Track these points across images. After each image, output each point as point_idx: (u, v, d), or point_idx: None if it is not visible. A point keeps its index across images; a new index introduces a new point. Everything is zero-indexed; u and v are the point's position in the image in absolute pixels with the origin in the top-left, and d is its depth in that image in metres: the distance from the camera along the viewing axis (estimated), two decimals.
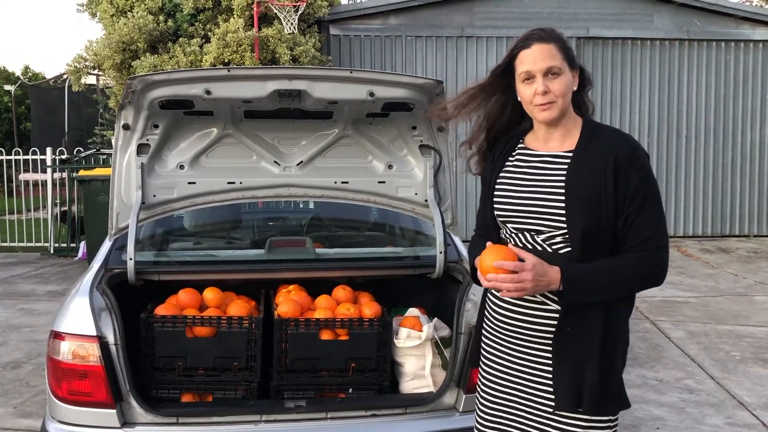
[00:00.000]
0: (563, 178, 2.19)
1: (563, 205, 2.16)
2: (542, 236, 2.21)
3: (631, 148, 2.17)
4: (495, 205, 2.32)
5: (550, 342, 2.20)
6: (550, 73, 2.18)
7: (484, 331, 2.42)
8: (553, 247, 2.19)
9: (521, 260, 2.09)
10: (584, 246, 2.14)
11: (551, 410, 2.21)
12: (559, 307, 2.16)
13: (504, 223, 2.31)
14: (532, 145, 2.31)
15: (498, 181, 2.33)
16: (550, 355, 2.21)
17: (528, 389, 2.27)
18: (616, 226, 2.16)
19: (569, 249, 2.16)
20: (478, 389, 2.44)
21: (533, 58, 2.18)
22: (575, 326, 2.16)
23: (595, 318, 2.15)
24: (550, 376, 2.21)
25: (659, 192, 2.21)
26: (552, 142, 2.27)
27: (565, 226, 2.16)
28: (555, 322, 2.18)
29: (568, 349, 2.17)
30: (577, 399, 2.16)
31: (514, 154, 2.34)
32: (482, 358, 2.42)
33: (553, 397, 2.20)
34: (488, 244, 2.19)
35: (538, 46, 2.19)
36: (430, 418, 3.13)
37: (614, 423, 2.24)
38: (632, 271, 2.15)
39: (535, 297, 2.20)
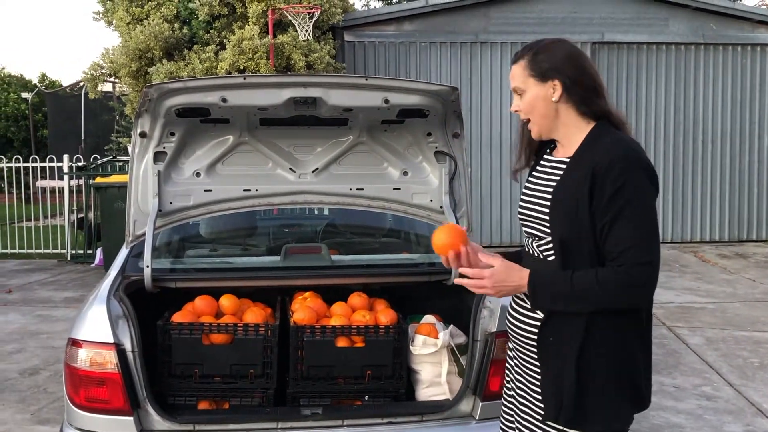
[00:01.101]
0: (554, 184, 2.20)
1: (548, 211, 2.18)
2: (537, 242, 2.24)
3: (610, 159, 2.08)
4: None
5: (536, 351, 2.22)
6: (516, 92, 2.26)
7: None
8: (545, 254, 2.21)
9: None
10: (563, 254, 2.14)
11: (541, 417, 2.21)
12: (542, 315, 2.17)
13: (521, 226, 2.36)
14: (555, 151, 2.32)
15: (525, 185, 2.37)
16: (538, 363, 2.22)
17: (524, 395, 2.29)
18: (596, 238, 2.11)
19: (554, 257, 2.17)
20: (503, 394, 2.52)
21: (510, 79, 2.28)
22: (557, 335, 2.15)
23: (575, 329, 2.12)
24: (538, 383, 2.22)
25: (646, 205, 2.08)
26: (560, 149, 2.29)
27: (550, 232, 2.18)
28: (537, 330, 2.20)
29: (550, 358, 2.17)
30: (558, 410, 2.15)
31: (541, 160, 2.36)
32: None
33: (542, 405, 2.20)
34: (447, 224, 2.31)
35: (512, 67, 2.27)
36: (447, 425, 3.12)
37: None
38: (602, 285, 2.05)
39: (526, 303, 2.23)
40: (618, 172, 2.06)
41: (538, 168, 2.33)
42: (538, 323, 2.19)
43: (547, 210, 2.18)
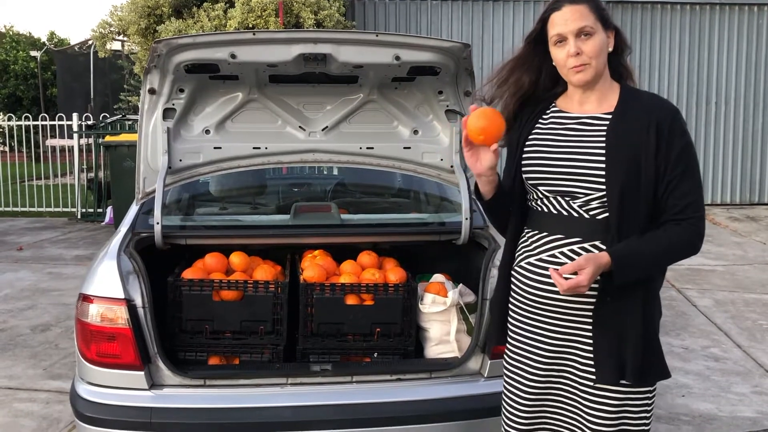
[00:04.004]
0: (603, 139, 2.15)
1: (603, 166, 2.12)
2: (578, 201, 2.16)
3: (673, 113, 2.15)
4: (525, 167, 2.27)
5: (591, 314, 2.17)
6: (582, 33, 2.13)
7: (512, 306, 2.36)
8: (591, 212, 2.15)
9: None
10: (622, 210, 2.10)
11: (591, 383, 2.19)
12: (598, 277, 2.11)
13: (535, 186, 2.26)
14: (566, 108, 2.27)
15: (528, 143, 2.29)
16: (590, 327, 2.17)
17: (566, 363, 2.24)
18: (656, 192, 2.12)
19: (606, 214, 2.12)
20: (510, 366, 2.37)
21: (564, 20, 2.14)
22: (616, 297, 2.13)
23: (635, 288, 2.13)
24: (591, 348, 2.18)
25: (698, 161, 2.19)
26: (588, 104, 2.23)
27: (604, 188, 2.11)
28: (595, 293, 2.14)
29: (609, 321, 2.15)
30: (620, 371, 2.14)
31: (546, 116, 2.30)
32: (513, 333, 2.35)
33: (593, 370, 2.18)
34: (473, 107, 2.21)
35: (569, 8, 2.15)
36: (455, 383, 3.14)
37: (653, 393, 2.23)
38: (676, 243, 2.13)
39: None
40: (683, 127, 2.14)
41: (552, 125, 2.26)
42: (593, 286, 2.11)
43: (601, 165, 2.12)
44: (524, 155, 2.29)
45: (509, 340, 2.37)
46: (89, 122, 11.75)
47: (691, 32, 12.33)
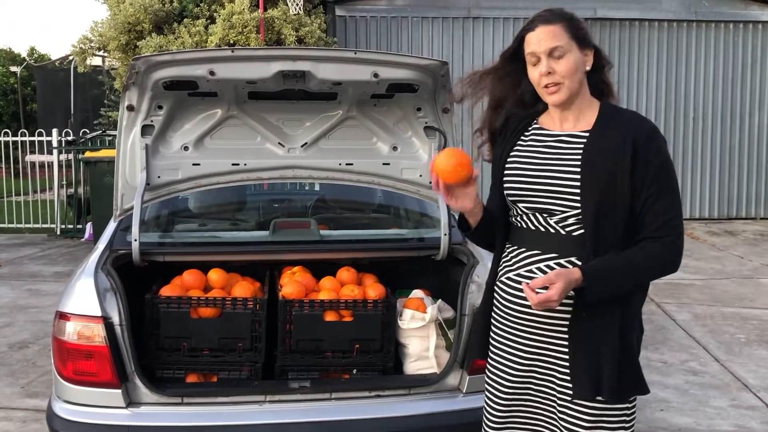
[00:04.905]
0: (579, 157, 2.17)
1: (578, 184, 2.13)
2: (555, 217, 2.18)
3: (650, 131, 2.16)
4: (506, 184, 2.29)
5: (566, 329, 2.18)
6: (554, 53, 2.15)
7: (494, 319, 2.37)
8: (567, 229, 2.17)
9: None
10: (597, 227, 2.11)
11: (569, 398, 2.19)
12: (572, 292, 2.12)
13: (514, 203, 2.28)
14: (546, 125, 2.30)
15: (509, 159, 2.31)
16: (566, 342, 2.18)
17: (544, 378, 2.25)
18: (632, 209, 2.13)
19: (582, 231, 2.14)
20: (488, 379, 2.40)
21: (537, 40, 2.17)
22: (591, 313, 2.13)
23: (611, 304, 2.13)
24: (567, 363, 2.19)
25: (676, 179, 2.19)
26: (567, 123, 2.25)
27: (579, 206, 2.13)
28: (570, 309, 2.15)
29: (584, 336, 2.15)
30: (596, 387, 2.15)
31: (527, 133, 2.33)
32: (492, 343, 2.37)
33: (570, 385, 2.18)
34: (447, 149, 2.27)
35: (541, 28, 2.18)
36: (434, 398, 3.14)
37: (631, 410, 2.23)
38: (653, 260, 2.13)
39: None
40: (659, 144, 2.15)
41: (532, 142, 2.28)
42: (568, 302, 2.13)
43: (576, 183, 2.14)
44: (505, 172, 2.31)
45: (489, 350, 2.40)
46: (69, 138, 11.68)
47: (669, 49, 12.47)
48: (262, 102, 3.46)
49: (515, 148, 2.32)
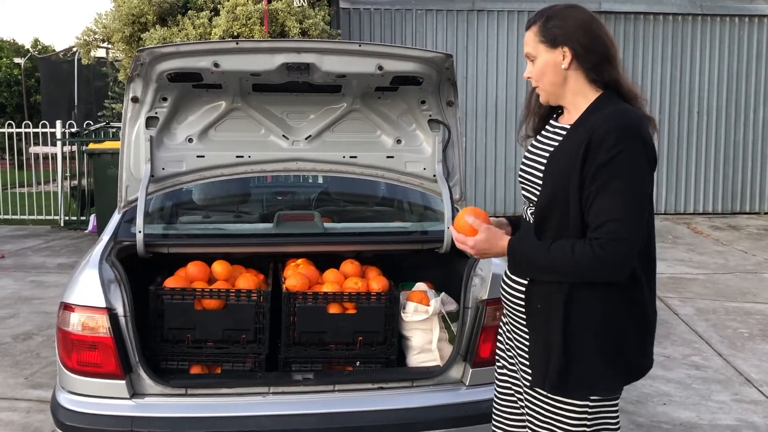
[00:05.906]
0: (552, 150, 2.21)
1: (541, 176, 2.19)
2: (531, 208, 2.26)
3: (608, 127, 2.04)
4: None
5: (525, 319, 2.24)
6: (529, 58, 2.25)
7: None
8: (532, 219, 2.24)
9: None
10: (544, 218, 2.16)
11: (528, 386, 2.24)
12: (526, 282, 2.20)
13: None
14: (560, 118, 2.31)
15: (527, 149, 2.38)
16: (527, 331, 2.25)
17: (517, 362, 2.32)
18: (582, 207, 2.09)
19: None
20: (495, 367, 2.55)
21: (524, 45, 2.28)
22: (544, 303, 2.16)
23: (560, 298, 2.12)
24: (527, 350, 2.25)
25: (635, 180, 2.03)
26: (566, 116, 2.27)
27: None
28: (524, 297, 2.23)
29: (538, 327, 2.19)
30: (544, 377, 2.16)
31: (547, 126, 2.36)
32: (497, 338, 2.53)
33: (530, 371, 2.22)
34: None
35: (525, 34, 2.26)
36: (437, 391, 3.15)
37: (593, 408, 2.15)
38: (575, 257, 2.04)
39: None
40: (613, 142, 2.02)
41: (542, 133, 2.33)
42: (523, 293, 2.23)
43: (540, 174, 2.19)
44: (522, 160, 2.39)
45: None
46: (73, 129, 11.69)
47: (674, 43, 12.43)
48: (266, 94, 3.47)
49: (536, 137, 2.36)
